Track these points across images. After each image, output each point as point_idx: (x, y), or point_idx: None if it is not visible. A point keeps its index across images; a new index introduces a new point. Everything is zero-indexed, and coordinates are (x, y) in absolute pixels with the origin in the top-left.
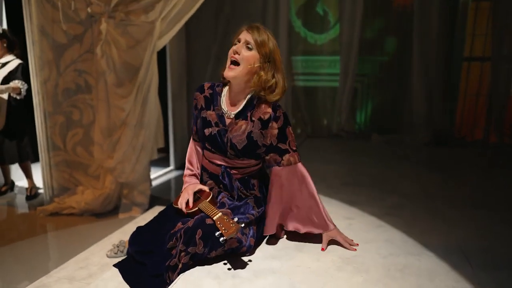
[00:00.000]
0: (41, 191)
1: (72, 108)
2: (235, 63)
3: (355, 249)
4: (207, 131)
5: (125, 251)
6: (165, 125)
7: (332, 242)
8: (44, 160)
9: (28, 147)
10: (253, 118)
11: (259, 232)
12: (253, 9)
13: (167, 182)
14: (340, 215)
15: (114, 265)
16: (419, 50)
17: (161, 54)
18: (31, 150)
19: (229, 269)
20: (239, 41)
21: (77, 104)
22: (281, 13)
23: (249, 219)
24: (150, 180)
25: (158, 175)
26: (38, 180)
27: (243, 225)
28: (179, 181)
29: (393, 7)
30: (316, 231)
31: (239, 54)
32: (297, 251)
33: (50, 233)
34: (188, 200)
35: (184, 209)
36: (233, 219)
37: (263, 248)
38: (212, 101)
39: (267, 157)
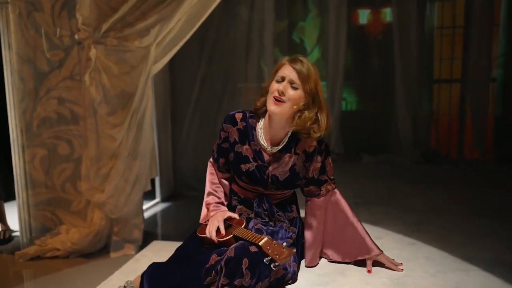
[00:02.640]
0: (15, 234)
1: (56, 140)
2: (281, 101)
3: (402, 270)
4: (244, 167)
5: None
6: None
7: (374, 263)
8: (21, 198)
9: (0, 187)
10: (297, 151)
11: (298, 256)
12: (238, 34)
13: (154, 216)
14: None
15: None
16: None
17: None
18: (2, 189)
19: None
20: (282, 79)
21: (62, 136)
22: (265, 39)
23: (289, 244)
24: (143, 214)
25: (145, 208)
26: (12, 221)
27: (295, 250)
28: (166, 213)
29: (371, 35)
30: (361, 257)
31: (284, 95)
32: (341, 275)
33: (37, 280)
34: (218, 228)
35: (214, 238)
36: (281, 243)
37: (303, 275)
38: (247, 135)
39: (307, 188)
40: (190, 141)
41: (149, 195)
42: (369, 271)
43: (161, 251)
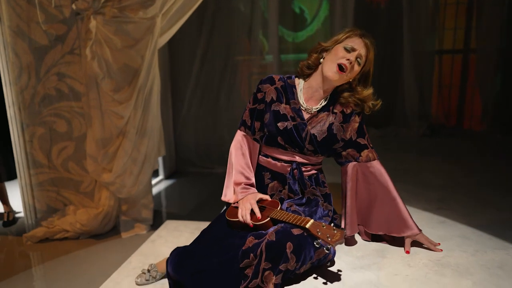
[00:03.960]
0: (19, 215)
1: (55, 117)
2: (343, 69)
3: (441, 250)
4: (281, 125)
5: (158, 276)
6: None
7: (412, 243)
8: (23, 179)
9: (0, 167)
10: (335, 110)
11: None
12: (240, 5)
13: (159, 194)
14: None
15: None
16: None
17: None
18: (4, 170)
19: (324, 283)
20: (352, 49)
21: (61, 113)
22: (268, 10)
23: (327, 222)
24: (152, 193)
25: None
26: (15, 203)
27: (346, 231)
28: (171, 191)
29: (381, 7)
30: (402, 234)
31: (351, 64)
32: (380, 257)
33: (48, 263)
34: (252, 211)
35: (249, 222)
36: (329, 223)
37: (343, 257)
38: (286, 94)
39: (344, 153)
40: (191, 117)
41: (153, 172)
42: (407, 252)
43: (175, 231)
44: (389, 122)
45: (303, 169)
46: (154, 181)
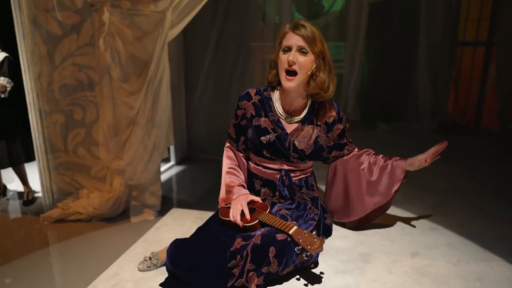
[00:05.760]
0: (37, 195)
1: (73, 106)
2: (293, 73)
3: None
4: (264, 139)
5: (158, 264)
6: None
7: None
8: (41, 162)
9: (20, 150)
10: (318, 123)
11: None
12: None
13: (170, 180)
14: (388, 216)
15: (161, 285)
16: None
17: None
18: (22, 153)
19: (305, 285)
20: (289, 48)
21: (78, 102)
22: None
23: (312, 226)
24: (161, 180)
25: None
26: (34, 184)
27: (325, 238)
28: (181, 177)
29: None
30: (398, 183)
31: (295, 63)
32: (363, 262)
33: (62, 243)
34: (242, 213)
35: (239, 222)
36: (311, 231)
37: (328, 261)
38: (264, 107)
39: (330, 155)
40: (203, 104)
41: (164, 158)
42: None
43: (179, 219)
44: (401, 117)
45: (292, 175)
46: (165, 167)
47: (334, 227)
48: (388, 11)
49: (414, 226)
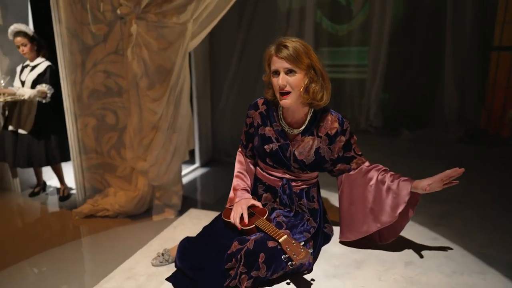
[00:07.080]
0: (73, 191)
1: (104, 111)
2: (286, 92)
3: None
4: (267, 147)
5: (170, 260)
6: None
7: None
8: (76, 162)
9: (56, 151)
10: (319, 134)
11: (316, 248)
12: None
13: (194, 181)
14: None
15: (167, 279)
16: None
17: None
18: (58, 153)
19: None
20: (277, 72)
21: (109, 107)
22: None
23: (305, 237)
24: (182, 182)
25: (184, 173)
26: (69, 180)
27: (311, 250)
28: (205, 178)
29: None
30: (403, 204)
31: (286, 85)
32: (356, 268)
33: (90, 237)
34: (242, 215)
35: (238, 225)
36: (299, 242)
37: (321, 265)
38: (269, 117)
39: (336, 168)
40: (228, 108)
41: (189, 160)
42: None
43: (195, 219)
44: (425, 124)
45: (294, 184)
46: (190, 168)
47: (334, 228)
48: (413, 13)
49: (415, 236)
